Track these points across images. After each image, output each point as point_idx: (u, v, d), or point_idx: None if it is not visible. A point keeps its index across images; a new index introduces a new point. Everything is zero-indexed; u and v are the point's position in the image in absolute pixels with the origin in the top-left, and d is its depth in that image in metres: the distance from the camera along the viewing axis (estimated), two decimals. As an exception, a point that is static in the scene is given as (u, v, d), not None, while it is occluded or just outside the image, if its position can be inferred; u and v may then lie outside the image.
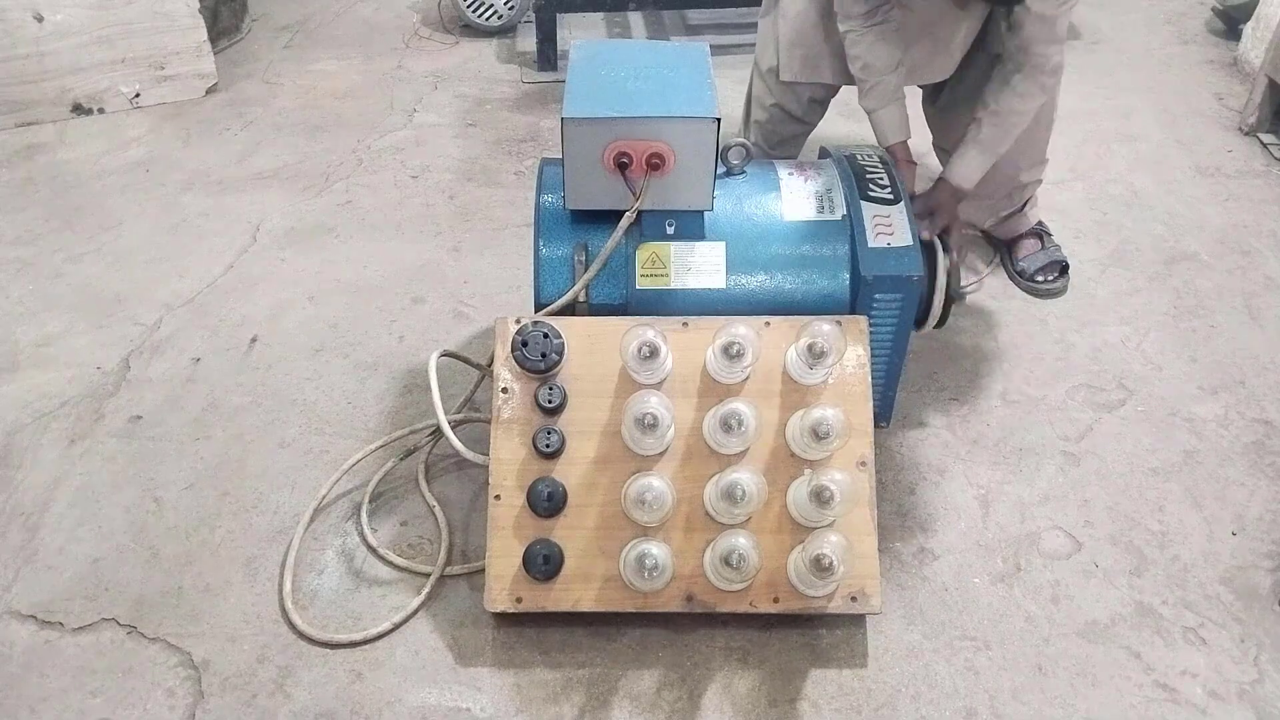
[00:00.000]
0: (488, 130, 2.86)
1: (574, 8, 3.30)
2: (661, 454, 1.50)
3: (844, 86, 2.11)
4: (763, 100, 2.15)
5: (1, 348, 2.07)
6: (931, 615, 1.55)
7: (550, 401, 1.50)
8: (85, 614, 1.55)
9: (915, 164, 1.92)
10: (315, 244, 2.38)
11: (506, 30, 3.45)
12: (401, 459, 1.79)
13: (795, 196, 1.68)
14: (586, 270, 1.59)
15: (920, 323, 1.72)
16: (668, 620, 1.51)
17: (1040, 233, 2.25)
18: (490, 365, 1.68)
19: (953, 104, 2.07)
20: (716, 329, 1.48)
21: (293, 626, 1.52)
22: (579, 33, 3.46)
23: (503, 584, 1.46)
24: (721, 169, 1.68)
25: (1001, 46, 1.86)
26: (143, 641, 1.51)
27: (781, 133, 2.17)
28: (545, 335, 1.50)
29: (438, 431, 1.76)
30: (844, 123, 2.53)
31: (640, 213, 1.57)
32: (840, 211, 1.66)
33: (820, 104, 2.15)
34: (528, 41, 3.31)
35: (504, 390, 1.53)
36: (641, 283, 1.62)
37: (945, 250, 1.71)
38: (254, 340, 2.08)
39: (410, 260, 2.31)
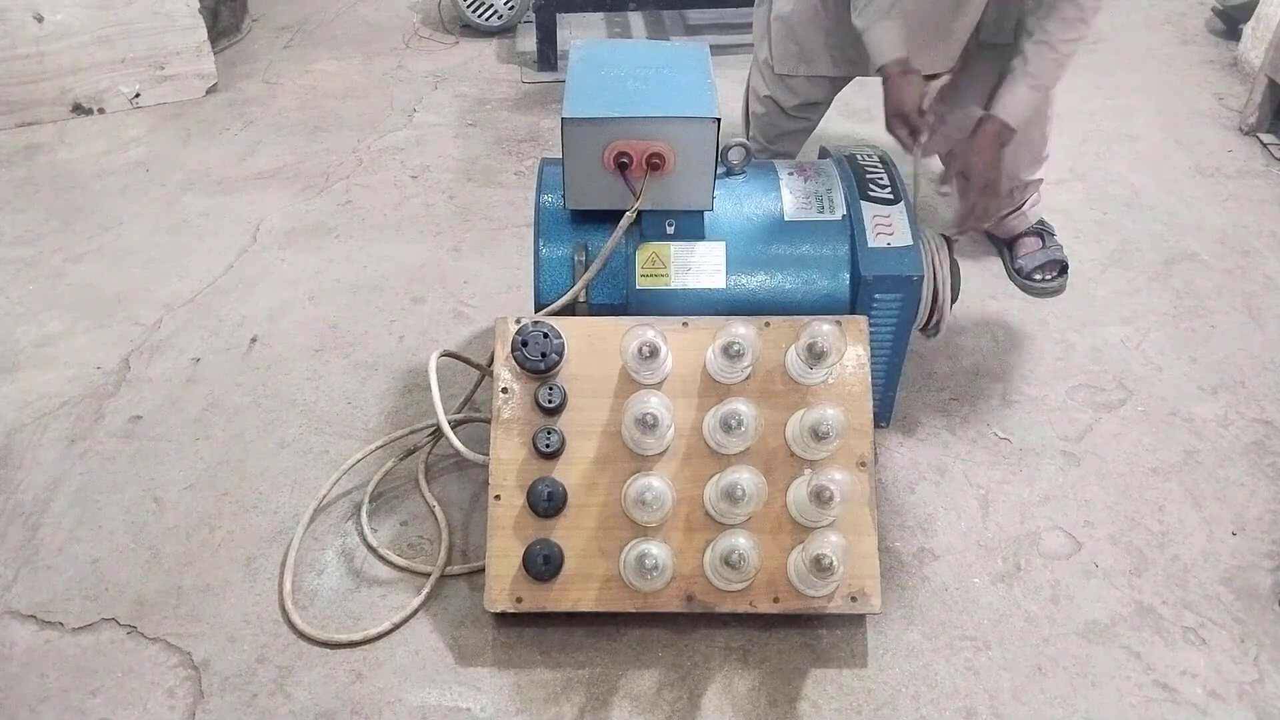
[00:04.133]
0: (488, 130, 2.86)
1: (574, 8, 3.30)
2: (661, 454, 1.50)
3: (845, 84, 2.11)
4: (759, 91, 2.15)
5: (1, 348, 2.07)
6: (931, 615, 1.55)
7: (550, 401, 1.50)
8: (85, 614, 1.55)
9: (917, 72, 1.87)
10: (315, 244, 2.38)
11: (506, 30, 3.45)
12: (401, 459, 1.79)
13: (795, 196, 1.68)
14: (586, 270, 1.59)
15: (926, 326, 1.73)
16: (668, 620, 1.51)
17: (1041, 231, 2.25)
18: (490, 365, 1.68)
19: (955, 104, 2.04)
20: (716, 329, 1.48)
21: (293, 626, 1.52)
22: (579, 33, 3.47)
23: (503, 584, 1.46)
24: (721, 169, 1.68)
25: (1004, 30, 1.82)
26: (143, 641, 1.51)
27: (778, 127, 2.17)
28: (545, 335, 1.50)
29: (438, 431, 1.76)
30: (844, 122, 2.53)
31: (640, 213, 1.57)
32: (840, 211, 1.66)
33: (817, 105, 2.14)
34: (528, 41, 3.32)
35: (504, 390, 1.53)
36: (641, 283, 1.62)
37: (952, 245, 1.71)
38: (254, 340, 2.08)
39: (410, 260, 2.31)
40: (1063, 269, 2.20)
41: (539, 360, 1.50)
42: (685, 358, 1.53)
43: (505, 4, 3.37)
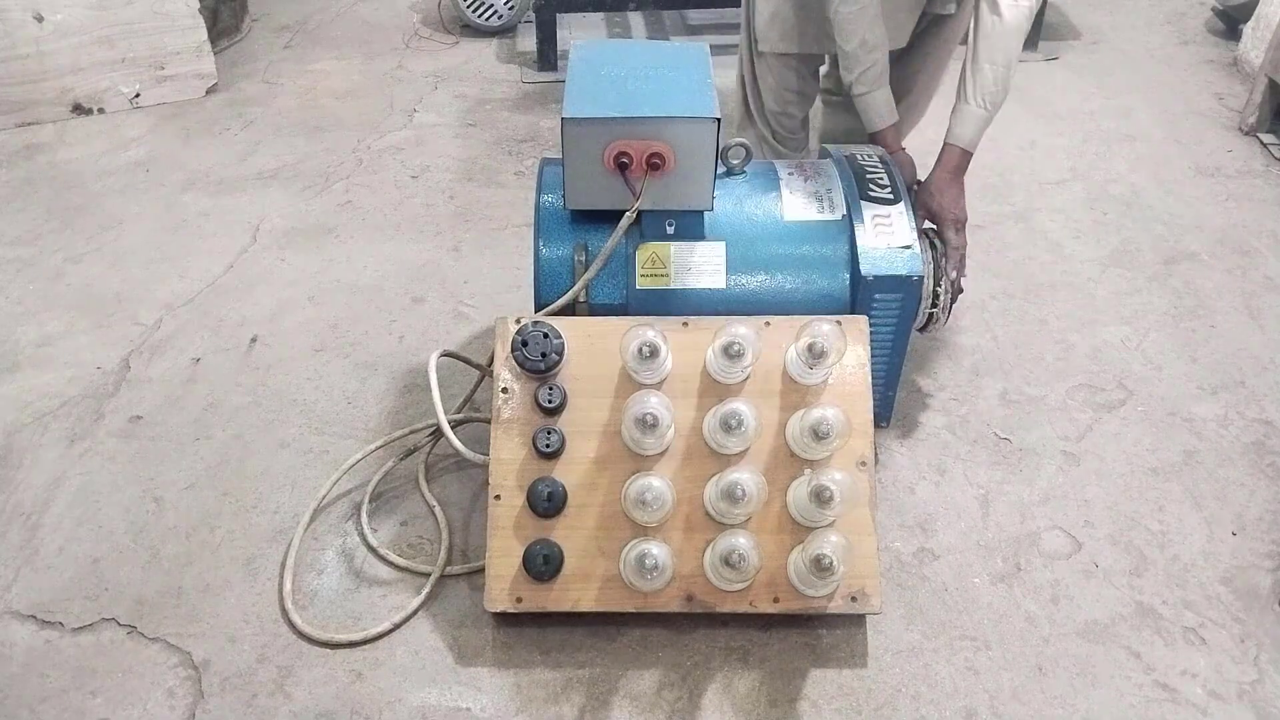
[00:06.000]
0: (488, 130, 2.86)
1: (574, 8, 3.30)
2: (661, 454, 1.50)
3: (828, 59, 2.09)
4: (766, 81, 2.09)
5: (1, 348, 2.07)
6: (931, 615, 1.55)
7: (550, 401, 1.50)
8: (85, 614, 1.55)
9: (904, 149, 1.89)
10: (315, 244, 2.38)
11: (506, 30, 3.45)
12: (401, 459, 1.79)
13: (795, 196, 1.68)
14: (586, 270, 1.59)
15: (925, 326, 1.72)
16: (668, 620, 1.51)
17: None
18: (490, 365, 1.68)
19: (905, 81, 2.03)
20: (716, 329, 1.48)
21: (293, 626, 1.52)
22: (579, 33, 3.47)
23: (503, 584, 1.46)
24: (721, 169, 1.68)
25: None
26: (143, 641, 1.51)
27: (795, 115, 2.11)
28: (545, 335, 1.50)
29: (438, 431, 1.75)
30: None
31: (640, 213, 1.57)
32: (840, 211, 1.66)
33: (814, 77, 2.10)
34: (528, 41, 3.32)
35: (504, 390, 1.53)
36: (641, 283, 1.62)
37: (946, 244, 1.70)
38: (254, 340, 2.08)
39: (410, 260, 2.32)
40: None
41: (539, 360, 1.50)
42: (685, 358, 1.53)
43: (505, 4, 3.37)
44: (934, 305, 1.69)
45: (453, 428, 1.62)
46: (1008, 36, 1.74)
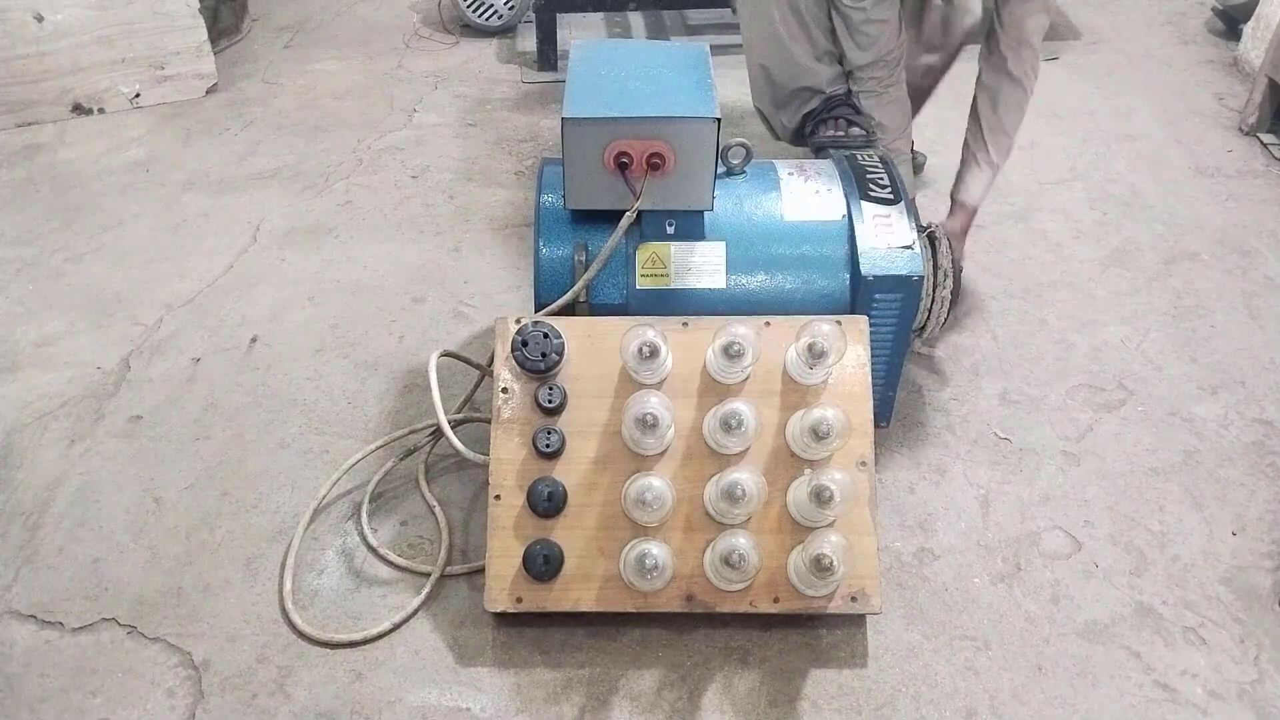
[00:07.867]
0: (488, 130, 2.86)
1: (574, 8, 3.30)
2: (661, 454, 1.50)
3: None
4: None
5: (1, 348, 2.07)
6: (931, 615, 1.55)
7: (550, 401, 1.50)
8: (85, 614, 1.55)
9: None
10: (315, 244, 2.38)
11: (506, 30, 3.45)
12: (401, 459, 1.79)
13: (795, 196, 1.68)
14: (586, 270, 1.59)
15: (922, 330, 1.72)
16: (668, 620, 1.51)
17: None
18: (490, 365, 1.68)
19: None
20: (716, 329, 1.48)
21: (293, 626, 1.52)
22: (579, 33, 3.47)
23: (503, 584, 1.46)
24: (721, 169, 1.68)
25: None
26: (143, 641, 1.51)
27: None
28: (545, 335, 1.50)
29: (438, 431, 1.76)
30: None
31: (640, 213, 1.57)
32: (840, 211, 1.66)
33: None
34: (528, 41, 3.32)
35: (504, 390, 1.53)
36: (641, 283, 1.62)
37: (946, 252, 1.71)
38: (254, 340, 2.08)
39: (410, 260, 2.31)
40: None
41: (539, 360, 1.50)
42: (685, 358, 1.53)
43: (505, 4, 3.37)
44: (931, 305, 1.69)
45: (453, 428, 1.62)
46: (1022, 103, 1.89)
